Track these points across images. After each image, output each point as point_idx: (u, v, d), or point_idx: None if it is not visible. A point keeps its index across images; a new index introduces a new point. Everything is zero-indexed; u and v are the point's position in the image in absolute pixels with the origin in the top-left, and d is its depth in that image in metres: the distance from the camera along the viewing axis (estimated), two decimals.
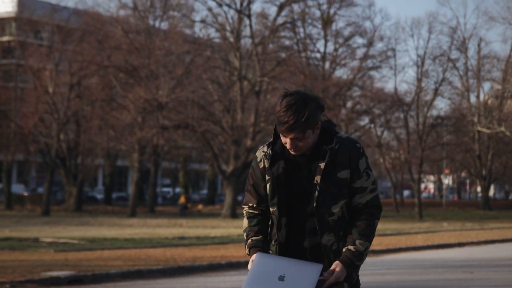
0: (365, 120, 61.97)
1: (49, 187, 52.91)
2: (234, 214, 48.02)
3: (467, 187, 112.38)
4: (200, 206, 67.74)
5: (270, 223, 4.56)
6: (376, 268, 16.81)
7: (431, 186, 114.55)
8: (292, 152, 4.35)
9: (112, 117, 53.27)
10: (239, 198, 56.67)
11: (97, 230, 30.69)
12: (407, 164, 61.18)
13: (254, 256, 4.34)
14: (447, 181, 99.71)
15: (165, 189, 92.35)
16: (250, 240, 4.49)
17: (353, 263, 4.34)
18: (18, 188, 73.85)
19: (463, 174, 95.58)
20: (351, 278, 4.41)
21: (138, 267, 15.35)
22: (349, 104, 58.05)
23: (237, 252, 19.54)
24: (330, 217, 4.39)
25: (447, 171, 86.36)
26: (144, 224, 37.29)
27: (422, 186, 68.41)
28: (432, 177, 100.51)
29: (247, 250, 4.48)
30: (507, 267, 17.35)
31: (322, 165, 4.34)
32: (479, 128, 59.35)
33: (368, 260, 19.37)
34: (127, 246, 21.45)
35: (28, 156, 62.67)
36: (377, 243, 24.45)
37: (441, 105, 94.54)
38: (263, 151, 4.50)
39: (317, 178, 4.36)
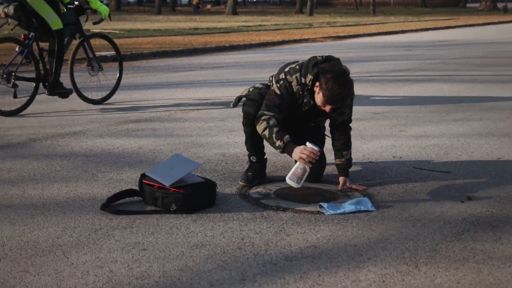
0: None
1: None
2: (235, 12, 47.33)
3: None
4: (209, 6, 66.62)
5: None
6: (341, 49, 16.75)
7: None
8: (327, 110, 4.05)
9: None
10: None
11: (133, 24, 30.21)
12: None
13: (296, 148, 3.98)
14: None
15: None
16: (287, 136, 4.00)
17: (349, 168, 4.30)
18: None
19: None
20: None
21: (164, 49, 15.27)
22: None
23: (237, 38, 19.41)
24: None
25: None
26: (167, 20, 36.71)
27: None
28: None
29: (283, 143, 3.99)
30: (436, 47, 17.35)
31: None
32: None
33: (334, 42, 19.33)
34: (155, 35, 21.20)
35: None
36: (341, 31, 24.26)
37: None
38: (301, 91, 4.12)
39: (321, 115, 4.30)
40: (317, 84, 4.01)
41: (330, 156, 4.60)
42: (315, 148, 3.92)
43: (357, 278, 2.97)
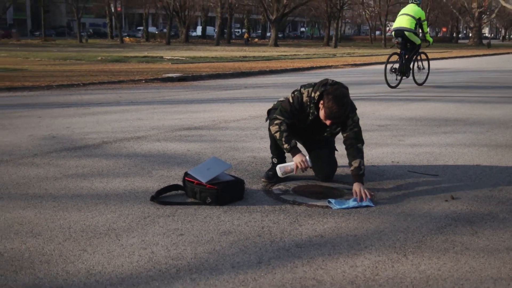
0: None
1: (170, 28, 52.05)
2: (276, 44, 47.14)
3: None
4: (256, 39, 66.48)
5: None
6: (356, 73, 16.43)
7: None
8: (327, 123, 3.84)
9: None
10: (280, 35, 54.89)
11: (196, 52, 30.28)
12: (378, 15, 58.87)
13: (297, 157, 3.85)
14: None
15: (236, 30, 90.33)
16: (294, 141, 3.89)
17: (361, 175, 3.82)
18: (152, 29, 73.01)
19: None
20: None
21: (218, 72, 15.18)
22: None
23: (276, 64, 19.22)
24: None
25: None
26: (224, 50, 36.72)
27: (387, 28, 65.73)
28: (392, 23, 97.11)
29: (289, 146, 3.86)
30: (432, 73, 16.79)
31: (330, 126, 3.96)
32: None
33: (352, 69, 18.95)
34: (213, 61, 21.16)
35: (156, 10, 61.53)
36: (358, 60, 23.85)
37: None
38: (309, 102, 3.89)
39: (327, 131, 4.08)
40: (321, 102, 3.85)
41: (340, 160, 4.38)
42: (309, 164, 3.87)
43: (354, 263, 2.76)
